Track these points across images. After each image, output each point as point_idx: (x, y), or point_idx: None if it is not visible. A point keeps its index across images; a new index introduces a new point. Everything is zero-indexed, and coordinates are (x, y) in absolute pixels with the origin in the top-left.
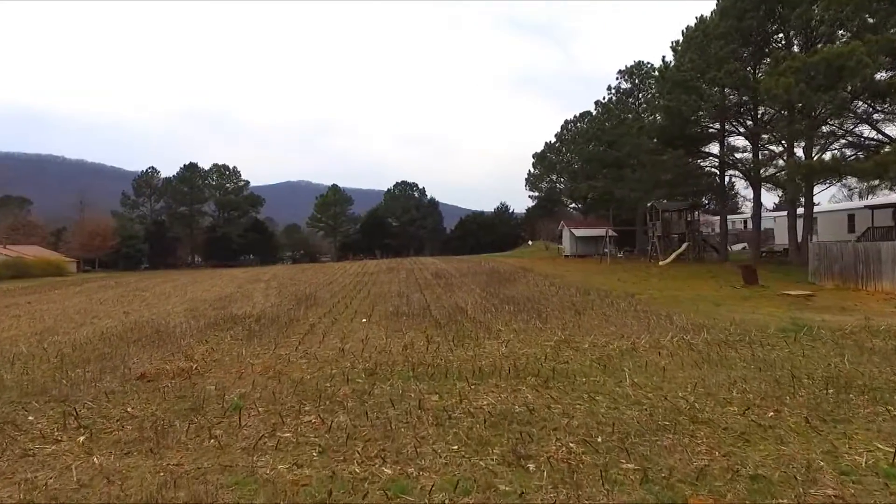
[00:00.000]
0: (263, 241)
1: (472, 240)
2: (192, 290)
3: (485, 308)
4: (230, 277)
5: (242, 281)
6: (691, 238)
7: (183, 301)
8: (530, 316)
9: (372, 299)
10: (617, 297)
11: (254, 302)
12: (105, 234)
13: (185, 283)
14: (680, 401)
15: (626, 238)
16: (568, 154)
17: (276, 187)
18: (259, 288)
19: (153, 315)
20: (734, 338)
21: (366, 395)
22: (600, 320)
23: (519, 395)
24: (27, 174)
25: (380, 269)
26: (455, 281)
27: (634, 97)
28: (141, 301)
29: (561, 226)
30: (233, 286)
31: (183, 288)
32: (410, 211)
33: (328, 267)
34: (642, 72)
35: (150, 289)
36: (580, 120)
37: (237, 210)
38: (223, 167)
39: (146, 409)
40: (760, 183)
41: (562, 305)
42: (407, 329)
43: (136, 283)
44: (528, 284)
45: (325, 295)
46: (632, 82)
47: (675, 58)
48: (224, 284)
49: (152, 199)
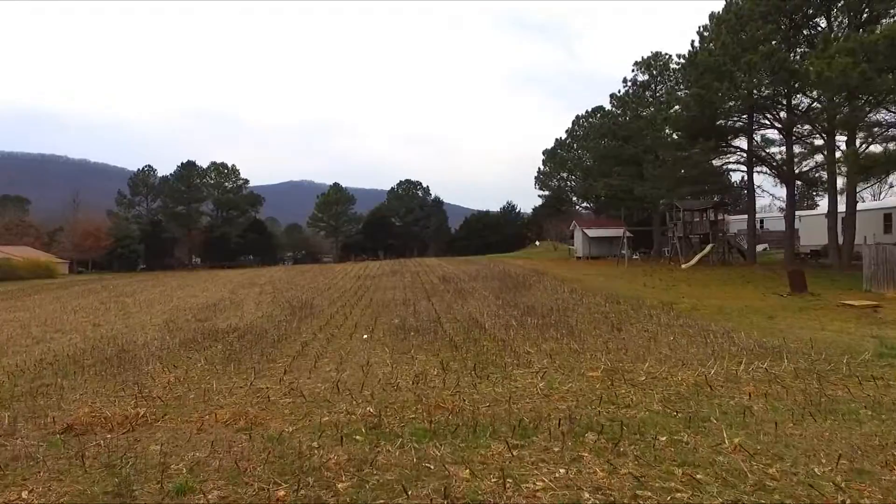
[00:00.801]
0: (263, 241)
1: (478, 240)
2: (179, 295)
3: (505, 321)
4: (225, 281)
5: (236, 285)
6: (716, 239)
7: (165, 310)
8: (560, 332)
9: (374, 308)
10: (652, 307)
11: (243, 311)
12: (98, 235)
13: (174, 288)
14: (825, 484)
15: (642, 239)
16: (579, 151)
17: (278, 187)
18: (252, 294)
19: (125, 328)
20: (824, 366)
21: (366, 467)
22: (646, 339)
23: (583, 470)
24: (30, 174)
25: (383, 271)
26: (465, 286)
27: (652, 89)
28: (119, 309)
29: (573, 226)
30: (225, 291)
31: (171, 293)
32: (414, 210)
33: (329, 269)
34: (660, 62)
35: (136, 294)
36: (591, 115)
37: (236, 210)
38: (221, 165)
39: (45, 495)
40: (794, 179)
41: (593, 318)
42: (417, 350)
43: (123, 288)
44: (547, 291)
45: (322, 303)
46: (649, 73)
47: (701, 43)
48: (216, 289)
49: (149, 199)
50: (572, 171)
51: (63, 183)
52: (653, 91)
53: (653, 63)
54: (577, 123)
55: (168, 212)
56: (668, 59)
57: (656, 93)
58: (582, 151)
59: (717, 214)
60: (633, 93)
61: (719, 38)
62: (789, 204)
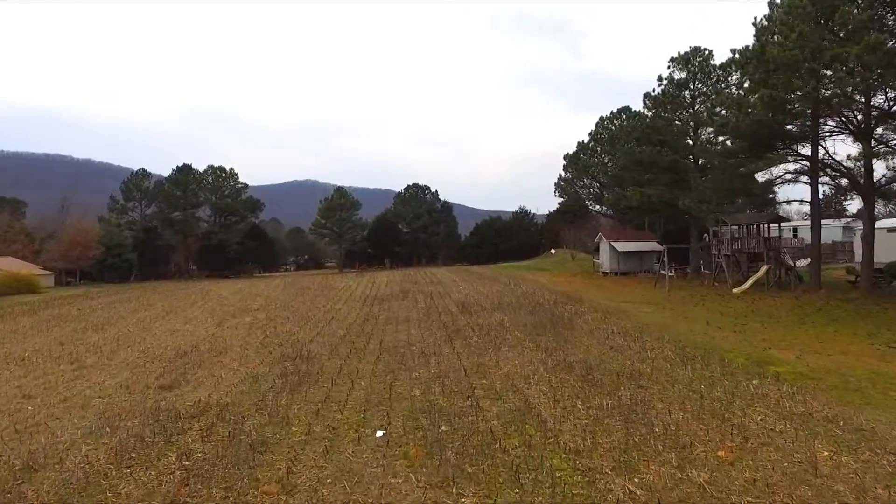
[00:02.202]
0: (263, 248)
1: (490, 247)
2: (157, 330)
3: (565, 405)
4: (216, 302)
5: (226, 312)
6: (772, 258)
7: (129, 361)
8: (651, 432)
9: (387, 362)
10: (745, 371)
11: (223, 367)
12: (86, 244)
13: (155, 317)
14: None
15: (675, 253)
16: (603, 155)
17: (282, 186)
18: (241, 329)
19: (53, 414)
20: None
21: None
22: (783, 456)
23: None
24: (33, 174)
25: (391, 290)
26: (491, 321)
27: (691, 89)
28: (72, 361)
29: (598, 238)
30: (211, 323)
31: (149, 326)
32: (422, 216)
33: (331, 285)
34: (699, 58)
35: (108, 326)
36: (617, 117)
37: (234, 215)
38: (219, 169)
39: None
40: (873, 192)
41: (680, 395)
42: (458, 476)
43: (99, 314)
44: (594, 334)
45: (322, 350)
46: (687, 71)
47: (759, 36)
48: (202, 318)
49: (143, 204)
50: (596, 176)
51: (66, 183)
52: (692, 90)
53: (691, 59)
54: (601, 125)
55: (163, 218)
56: (709, 54)
57: (696, 92)
58: (607, 156)
59: (771, 229)
60: (670, 92)
61: (792, 29)
62: (868, 218)
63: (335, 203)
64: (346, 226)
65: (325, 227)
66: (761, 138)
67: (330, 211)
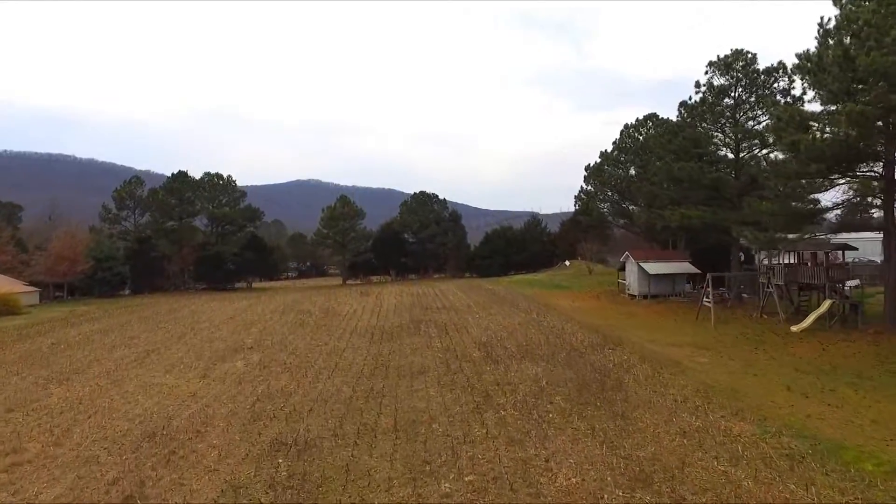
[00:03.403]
0: (261, 259)
1: (501, 258)
2: (132, 383)
3: None
4: (206, 334)
5: (216, 350)
6: (835, 291)
7: (73, 458)
8: None
9: (405, 460)
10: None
11: (194, 470)
12: (74, 258)
13: (138, 355)
14: None
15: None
16: (627, 165)
17: (285, 186)
18: (229, 381)
19: None
20: None
21: None
22: None
23: None
24: (36, 174)
25: (401, 321)
26: (523, 376)
27: (732, 97)
28: (2, 453)
29: (625, 256)
30: (195, 371)
31: (124, 374)
32: (430, 226)
33: (335, 309)
34: (742, 62)
35: (77, 374)
36: (643, 124)
37: (232, 224)
38: (216, 175)
39: None
40: None
41: None
42: None
43: (73, 354)
44: (654, 405)
45: (324, 430)
46: (730, 77)
47: (823, 38)
48: (186, 363)
49: (136, 213)
50: (622, 191)
51: (70, 183)
52: (734, 98)
53: (733, 64)
54: (626, 134)
55: (158, 227)
56: (752, 58)
57: (739, 101)
58: (633, 167)
59: (830, 257)
60: (710, 101)
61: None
62: None
63: (338, 212)
64: (349, 236)
65: (327, 237)
66: (840, 159)
67: (332, 220)
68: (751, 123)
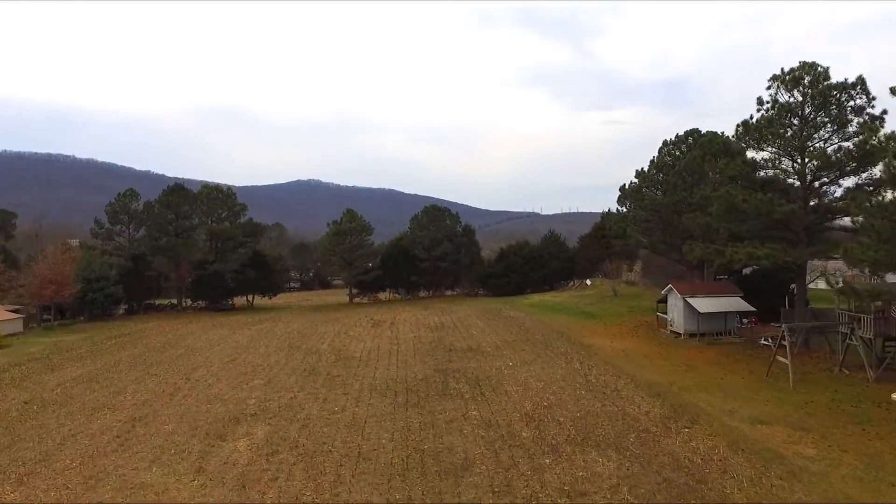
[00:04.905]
0: (262, 278)
1: (517, 276)
2: (114, 472)
3: None
4: (202, 388)
5: (216, 419)
6: None
7: None
8: None
9: None
10: None
11: None
12: (61, 281)
13: (122, 427)
14: None
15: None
16: (661, 187)
17: (284, 186)
18: (230, 480)
19: None
20: None
21: None
22: None
23: None
24: (36, 174)
25: (424, 372)
26: (593, 476)
27: (801, 116)
28: None
29: (668, 289)
30: (188, 459)
31: (95, 464)
32: (443, 243)
33: (346, 350)
34: (810, 77)
35: (47, 462)
36: (683, 141)
37: (232, 240)
38: (215, 189)
39: None
40: None
41: None
42: None
43: (39, 421)
44: None
45: None
46: (799, 92)
47: None
48: (178, 442)
49: (130, 228)
50: (664, 216)
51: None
52: (803, 118)
53: (802, 79)
54: (665, 152)
55: (154, 244)
56: (823, 73)
57: (809, 120)
58: (677, 190)
59: None
60: (777, 121)
61: None
62: None
63: (345, 227)
64: (356, 253)
65: (334, 254)
66: None
67: (339, 236)
68: (820, 145)
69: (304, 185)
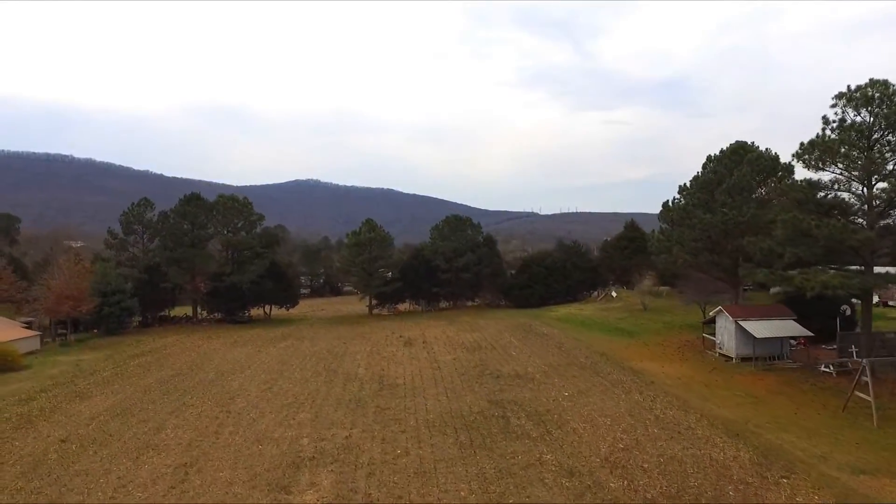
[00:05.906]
0: (280, 289)
1: (541, 287)
2: None
3: None
4: (248, 415)
5: (272, 466)
6: None
7: None
8: None
9: None
10: None
11: None
12: (78, 296)
13: (177, 476)
14: None
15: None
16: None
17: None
18: None
19: None
20: None
21: None
22: None
23: None
24: (35, 174)
25: (479, 406)
26: None
27: (867, 136)
28: None
29: (718, 311)
30: None
31: None
32: (465, 254)
33: (389, 379)
34: (878, 93)
35: None
36: (727, 156)
37: (249, 251)
38: (231, 199)
39: None
40: None
41: None
42: None
43: (88, 468)
44: None
45: None
46: (869, 112)
47: None
48: (242, 493)
49: (145, 238)
50: (711, 236)
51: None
52: (869, 139)
53: (872, 96)
54: (709, 169)
55: (168, 255)
56: (892, 90)
57: (882, 138)
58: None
59: None
60: (847, 140)
61: None
62: None
63: (364, 237)
64: (375, 265)
65: (353, 265)
66: None
67: (358, 247)
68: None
69: (303, 184)
